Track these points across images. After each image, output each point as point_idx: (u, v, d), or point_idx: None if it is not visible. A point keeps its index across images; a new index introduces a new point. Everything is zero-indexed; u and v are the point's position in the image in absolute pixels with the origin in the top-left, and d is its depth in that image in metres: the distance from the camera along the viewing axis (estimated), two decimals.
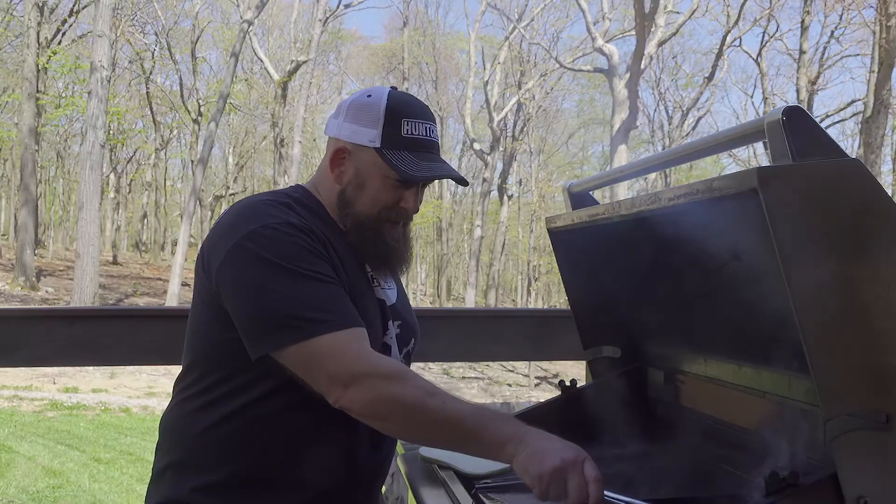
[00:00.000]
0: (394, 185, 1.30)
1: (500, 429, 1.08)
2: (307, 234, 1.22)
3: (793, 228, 0.95)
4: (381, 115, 1.30)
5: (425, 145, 1.31)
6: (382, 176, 1.30)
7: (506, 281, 32.82)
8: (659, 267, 1.51)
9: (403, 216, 1.34)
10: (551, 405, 1.67)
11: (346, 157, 1.32)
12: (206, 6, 24.92)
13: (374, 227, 1.32)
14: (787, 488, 0.97)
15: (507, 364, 16.09)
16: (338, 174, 1.33)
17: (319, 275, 1.19)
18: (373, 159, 1.29)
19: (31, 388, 9.82)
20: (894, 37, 11.81)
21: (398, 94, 1.33)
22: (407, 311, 1.45)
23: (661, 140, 26.16)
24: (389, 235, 1.33)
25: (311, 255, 1.20)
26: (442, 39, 28.44)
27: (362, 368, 1.13)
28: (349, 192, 1.32)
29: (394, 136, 1.29)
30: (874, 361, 0.98)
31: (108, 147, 22.04)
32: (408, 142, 1.29)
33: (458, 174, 1.36)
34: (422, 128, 1.31)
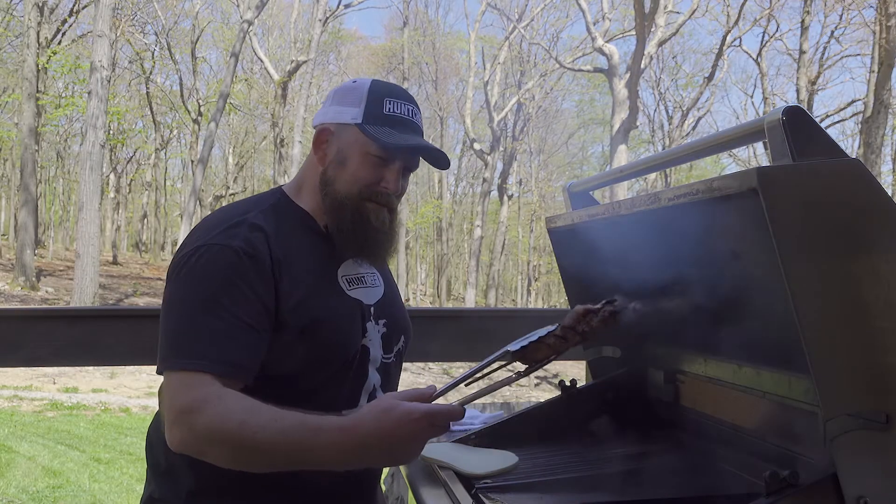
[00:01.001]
0: (374, 162, 1.29)
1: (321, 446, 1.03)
2: (245, 259, 1.18)
3: (793, 228, 0.95)
4: (364, 95, 1.31)
5: (406, 123, 1.31)
6: (363, 152, 1.29)
7: (506, 281, 32.81)
8: (659, 267, 1.51)
9: (385, 197, 1.30)
10: (551, 405, 1.67)
11: (329, 137, 1.32)
12: (206, 6, 24.94)
13: (355, 206, 1.29)
14: (787, 488, 0.97)
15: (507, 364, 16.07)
16: (321, 156, 1.33)
17: (224, 311, 1.15)
18: (354, 136, 1.29)
19: (31, 388, 9.81)
20: (894, 37, 11.81)
21: (383, 80, 1.35)
22: (396, 308, 1.42)
23: (661, 140, 26.16)
24: (373, 216, 1.30)
25: (229, 286, 1.16)
26: (442, 39, 28.45)
27: (182, 406, 1.08)
28: (330, 172, 1.31)
29: (375, 113, 1.29)
30: (874, 361, 0.98)
31: (108, 147, 22.04)
32: (389, 118, 1.29)
33: (438, 150, 1.34)
34: (404, 108, 1.32)
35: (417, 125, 1.34)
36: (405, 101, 1.33)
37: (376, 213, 1.30)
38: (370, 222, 1.30)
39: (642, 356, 1.72)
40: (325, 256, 1.31)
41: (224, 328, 1.15)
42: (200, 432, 1.07)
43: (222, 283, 1.17)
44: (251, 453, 1.06)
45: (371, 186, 1.29)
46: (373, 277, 1.39)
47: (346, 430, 1.03)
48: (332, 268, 1.31)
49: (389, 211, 1.33)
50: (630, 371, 1.71)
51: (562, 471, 1.41)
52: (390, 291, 1.43)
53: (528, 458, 1.46)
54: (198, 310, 1.16)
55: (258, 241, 1.22)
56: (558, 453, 1.52)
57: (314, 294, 1.25)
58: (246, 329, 1.16)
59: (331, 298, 1.28)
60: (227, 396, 1.09)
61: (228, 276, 1.17)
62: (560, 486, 1.34)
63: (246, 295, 1.17)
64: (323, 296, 1.26)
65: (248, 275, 1.18)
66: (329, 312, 1.25)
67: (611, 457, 1.49)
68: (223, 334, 1.14)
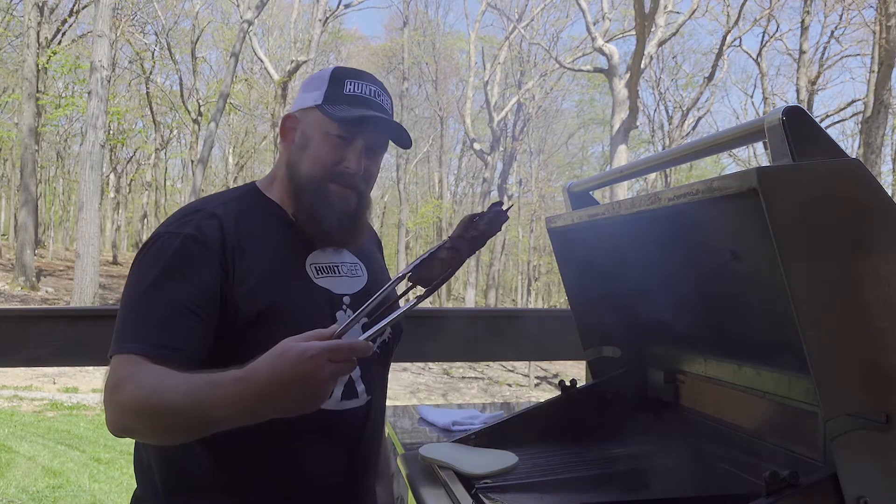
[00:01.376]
0: (335, 141, 1.27)
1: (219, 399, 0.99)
2: (193, 244, 1.19)
3: (793, 228, 0.95)
4: (326, 79, 1.31)
5: (368, 102, 1.29)
6: (323, 132, 1.28)
7: (506, 281, 32.81)
8: (659, 267, 1.51)
9: (349, 178, 1.28)
10: (551, 405, 1.67)
11: (294, 124, 1.33)
12: (206, 6, 24.93)
13: (317, 188, 1.28)
14: (787, 488, 0.97)
15: (507, 364, 16.08)
16: (287, 143, 1.33)
17: (164, 295, 1.16)
18: (315, 118, 1.29)
19: (31, 388, 9.82)
20: (894, 37, 11.81)
21: (348, 67, 1.34)
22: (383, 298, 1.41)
23: (661, 140, 26.16)
24: (335, 199, 1.28)
25: (172, 272, 1.18)
26: (442, 39, 28.45)
27: (108, 387, 1.09)
28: (294, 156, 1.31)
29: (336, 94, 1.28)
30: (874, 361, 0.98)
31: (108, 147, 22.04)
32: (349, 98, 1.28)
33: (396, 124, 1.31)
34: (366, 88, 1.30)
35: (380, 104, 1.31)
36: (368, 82, 1.31)
37: (340, 196, 1.28)
38: (333, 205, 1.28)
39: (642, 356, 1.72)
40: (292, 245, 1.29)
41: (161, 312, 1.15)
42: (122, 408, 1.07)
43: (165, 269, 1.18)
44: (164, 418, 1.04)
45: (332, 167, 1.27)
46: (354, 268, 1.37)
47: (241, 381, 0.97)
48: (298, 256, 1.29)
49: (357, 194, 1.30)
50: (630, 371, 1.71)
51: (562, 471, 1.41)
52: (375, 283, 1.38)
53: (528, 458, 1.46)
54: (140, 296, 1.17)
55: (210, 227, 1.22)
56: (558, 453, 1.52)
57: (272, 279, 1.23)
58: (185, 313, 1.15)
59: (292, 285, 1.26)
60: (145, 370, 1.08)
61: (172, 263, 1.18)
62: (560, 486, 1.34)
63: (189, 279, 1.18)
64: (282, 282, 1.24)
65: (193, 260, 1.19)
66: (287, 298, 1.23)
67: (611, 457, 1.49)
68: (159, 318, 1.15)
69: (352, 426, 1.30)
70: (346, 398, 1.29)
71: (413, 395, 12.65)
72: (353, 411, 1.30)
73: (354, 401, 1.30)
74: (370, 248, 1.48)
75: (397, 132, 1.32)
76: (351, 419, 1.30)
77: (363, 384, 1.32)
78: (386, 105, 1.33)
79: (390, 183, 29.51)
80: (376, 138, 1.31)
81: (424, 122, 28.96)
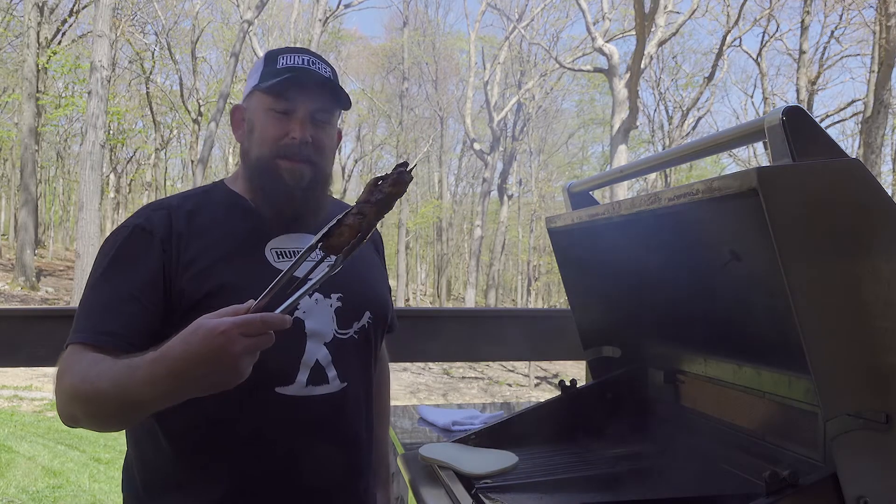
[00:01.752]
0: (277, 117, 1.27)
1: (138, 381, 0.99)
2: (137, 233, 1.23)
3: (792, 228, 0.95)
4: (261, 62, 1.33)
5: (300, 70, 1.28)
6: (264, 110, 1.28)
7: (506, 281, 32.81)
8: (659, 267, 1.51)
9: (296, 149, 1.26)
10: (551, 405, 1.67)
11: (241, 114, 1.35)
12: (206, 6, 24.92)
13: (268, 166, 1.27)
14: (787, 488, 0.97)
15: (507, 364, 16.09)
16: (239, 134, 1.35)
17: (108, 285, 1.20)
18: (256, 99, 1.30)
19: (31, 388, 9.82)
20: (894, 37, 11.81)
21: (282, 47, 1.35)
22: (361, 283, 1.37)
23: (661, 140, 26.15)
24: (286, 174, 1.27)
25: (116, 261, 1.22)
26: (442, 39, 28.45)
27: (55, 376, 1.13)
28: (246, 144, 1.32)
29: (270, 71, 1.29)
30: (874, 361, 0.98)
31: (108, 147, 22.04)
32: (282, 70, 1.28)
33: (329, 80, 1.29)
34: (299, 59, 1.30)
35: (314, 71, 1.30)
36: (301, 53, 1.32)
37: (291, 171, 1.27)
38: (284, 180, 1.27)
39: (642, 356, 1.72)
40: (251, 231, 1.29)
41: (104, 301, 1.19)
42: (62, 395, 1.10)
43: (111, 260, 1.23)
44: (94, 404, 1.06)
45: (278, 141, 1.27)
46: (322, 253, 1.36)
47: (156, 361, 0.97)
48: (257, 242, 1.28)
49: (310, 167, 1.28)
50: (630, 371, 1.71)
51: (562, 471, 1.41)
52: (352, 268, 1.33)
53: (528, 458, 1.46)
54: (90, 288, 1.22)
55: (158, 217, 1.26)
56: (558, 453, 1.52)
57: (225, 262, 1.23)
58: (127, 300, 1.18)
59: (245, 267, 1.24)
60: (83, 359, 1.11)
61: (119, 253, 1.23)
62: (560, 486, 1.34)
63: (135, 267, 1.21)
64: (235, 264, 1.24)
65: (136, 249, 1.22)
66: (238, 279, 1.22)
67: (611, 457, 1.49)
68: (102, 306, 1.19)
69: (322, 413, 1.26)
70: (313, 383, 1.25)
71: (413, 395, 12.65)
72: (322, 398, 1.26)
73: (324, 387, 1.26)
74: None
75: (333, 88, 1.30)
76: (320, 406, 1.26)
77: (335, 370, 1.28)
78: (324, 71, 1.31)
79: None
80: (315, 103, 1.29)
81: (424, 122, 28.96)
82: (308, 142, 1.27)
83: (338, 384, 1.28)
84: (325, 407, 1.26)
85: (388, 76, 28.88)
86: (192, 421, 1.21)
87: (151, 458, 1.26)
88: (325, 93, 1.30)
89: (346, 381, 1.29)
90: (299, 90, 1.27)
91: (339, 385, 1.28)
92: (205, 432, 1.22)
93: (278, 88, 1.26)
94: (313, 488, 1.26)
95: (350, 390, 1.30)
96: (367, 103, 28.74)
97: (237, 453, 1.22)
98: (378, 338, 1.41)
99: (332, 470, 1.29)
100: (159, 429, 1.23)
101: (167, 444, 1.23)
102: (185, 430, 1.22)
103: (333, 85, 1.30)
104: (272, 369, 1.21)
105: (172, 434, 1.23)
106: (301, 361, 1.24)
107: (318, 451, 1.26)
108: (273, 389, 1.21)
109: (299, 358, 1.24)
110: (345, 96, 1.32)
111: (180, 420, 1.21)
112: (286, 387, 1.22)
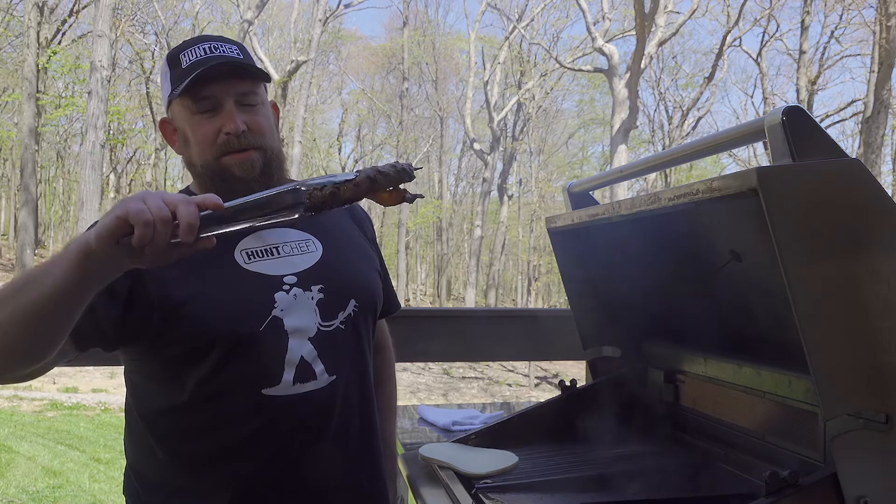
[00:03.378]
0: (203, 118, 1.22)
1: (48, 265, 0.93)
2: None
3: (793, 228, 0.96)
4: (166, 65, 1.28)
5: (206, 60, 1.22)
6: (189, 117, 1.23)
7: (506, 281, 32.81)
8: (659, 267, 1.51)
9: (235, 141, 1.21)
10: (551, 405, 1.67)
11: (169, 126, 1.30)
12: (206, 6, 24.93)
13: (215, 168, 1.23)
14: (787, 488, 0.97)
15: (507, 364, 16.09)
16: (176, 147, 1.30)
17: None
18: (177, 109, 1.25)
19: (31, 388, 9.82)
20: (894, 37, 11.81)
21: (182, 42, 1.29)
22: (343, 271, 1.32)
23: (661, 140, 26.15)
24: (236, 168, 1.22)
25: None
26: (442, 39, 28.43)
27: None
28: (185, 155, 1.27)
29: (178, 74, 1.24)
30: (874, 361, 0.98)
31: (108, 147, 22.04)
32: (189, 69, 1.22)
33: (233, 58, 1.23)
34: (199, 50, 1.24)
35: (223, 55, 1.24)
36: (201, 43, 1.25)
37: (239, 163, 1.22)
38: (235, 176, 1.22)
39: (642, 356, 1.72)
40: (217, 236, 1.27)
41: None
42: None
43: None
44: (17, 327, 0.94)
45: (215, 141, 1.22)
46: (303, 244, 1.30)
47: (65, 247, 0.92)
48: (225, 245, 1.24)
49: (258, 152, 1.23)
50: (630, 371, 1.71)
51: (562, 471, 1.41)
52: (333, 255, 1.31)
53: (528, 458, 1.46)
54: None
55: None
56: (558, 453, 1.52)
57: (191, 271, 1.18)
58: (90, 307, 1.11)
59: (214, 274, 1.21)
60: None
61: None
62: (560, 486, 1.34)
63: None
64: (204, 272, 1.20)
65: None
66: (207, 287, 1.20)
67: (611, 457, 1.49)
68: None
69: (312, 410, 1.23)
70: (300, 381, 1.22)
71: (413, 395, 12.65)
72: (311, 394, 1.23)
73: (312, 383, 1.23)
74: (335, 220, 1.39)
75: (245, 69, 1.24)
76: (309, 403, 1.23)
77: (321, 363, 1.24)
78: (229, 52, 1.25)
79: None
80: (235, 88, 1.23)
81: (424, 122, 28.96)
82: (244, 129, 1.22)
83: (326, 378, 1.25)
84: (315, 403, 1.24)
85: (388, 76, 28.88)
86: (183, 429, 1.21)
87: (147, 465, 1.26)
88: (240, 74, 1.24)
89: (334, 374, 1.26)
90: (213, 83, 1.21)
91: (328, 379, 1.25)
92: (197, 440, 1.21)
93: (193, 90, 1.21)
94: (315, 488, 1.25)
95: (342, 383, 1.27)
96: (367, 103, 28.75)
97: (234, 460, 1.21)
98: (369, 324, 1.36)
99: (332, 466, 1.26)
100: (152, 438, 1.23)
101: (161, 453, 1.23)
102: (178, 438, 1.22)
103: (245, 64, 1.25)
104: (256, 372, 1.20)
105: (165, 443, 1.22)
106: (285, 360, 1.21)
107: (315, 448, 1.24)
108: (260, 392, 1.19)
109: (283, 357, 1.21)
110: (259, 71, 1.26)
111: (171, 428, 1.21)
112: (272, 388, 1.20)
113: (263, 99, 1.29)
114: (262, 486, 1.21)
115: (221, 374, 1.18)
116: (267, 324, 1.20)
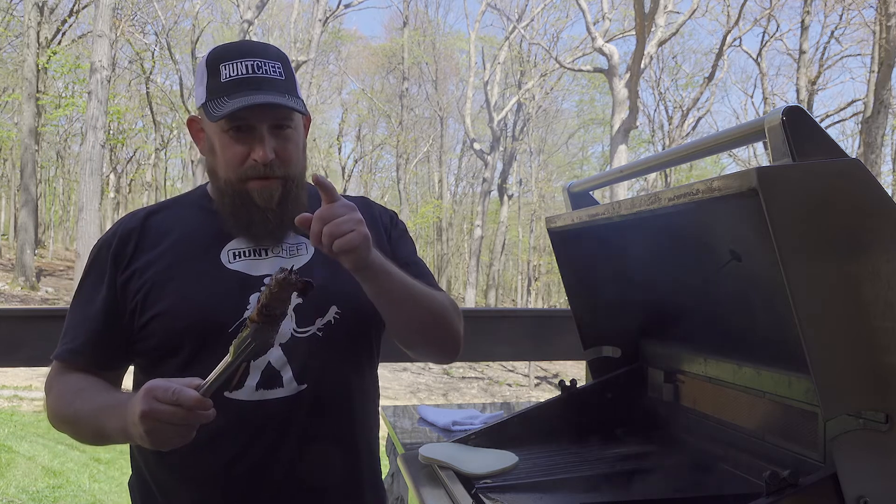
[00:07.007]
0: (234, 138, 1.19)
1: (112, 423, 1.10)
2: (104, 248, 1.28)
3: (793, 228, 0.95)
4: (204, 68, 1.22)
5: (247, 82, 1.18)
6: (220, 133, 1.20)
7: (506, 281, 32.81)
8: (659, 267, 1.51)
9: (262, 170, 1.19)
10: (551, 405, 1.67)
11: (198, 125, 1.29)
12: (206, 6, 24.91)
13: (237, 190, 1.21)
14: (787, 488, 0.97)
15: (507, 364, 16.08)
16: (200, 146, 1.28)
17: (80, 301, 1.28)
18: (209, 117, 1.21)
19: (31, 388, 9.81)
20: (894, 37, 11.81)
21: (223, 45, 1.24)
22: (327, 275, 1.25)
23: (661, 140, 26.15)
24: (257, 196, 1.20)
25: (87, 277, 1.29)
26: (442, 39, 28.45)
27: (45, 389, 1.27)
28: (209, 161, 1.25)
29: (216, 86, 1.20)
30: (874, 361, 0.98)
31: (108, 147, 22.04)
32: (227, 86, 1.18)
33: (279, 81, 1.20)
34: (241, 67, 1.19)
35: (263, 77, 1.20)
36: (241, 57, 1.20)
37: (260, 192, 1.21)
38: (255, 203, 1.21)
39: (642, 356, 1.72)
40: (211, 233, 1.26)
41: (76, 318, 1.28)
42: (48, 410, 1.24)
43: (84, 275, 1.30)
44: (74, 432, 1.22)
45: (242, 164, 1.20)
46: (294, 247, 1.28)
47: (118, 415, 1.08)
48: (215, 243, 1.25)
49: (279, 182, 1.21)
50: (630, 371, 1.71)
51: (562, 471, 1.41)
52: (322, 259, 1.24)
53: (528, 458, 1.46)
54: (71, 305, 1.31)
55: (123, 225, 1.29)
56: (558, 453, 1.52)
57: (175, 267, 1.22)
58: (91, 318, 1.25)
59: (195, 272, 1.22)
60: (63, 380, 1.24)
61: (88, 268, 1.30)
62: (560, 486, 1.34)
63: (102, 280, 1.26)
64: (185, 269, 1.22)
65: (102, 265, 1.27)
66: (186, 286, 1.20)
67: (611, 457, 1.48)
68: (74, 324, 1.27)
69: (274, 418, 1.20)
70: (264, 387, 1.20)
71: (413, 395, 12.65)
72: (274, 402, 1.20)
73: (277, 390, 1.20)
74: None
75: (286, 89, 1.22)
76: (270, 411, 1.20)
77: (290, 371, 1.21)
78: (271, 72, 1.22)
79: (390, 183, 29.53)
80: (270, 117, 1.20)
81: (424, 122, 28.97)
82: (272, 158, 1.20)
83: (294, 387, 1.21)
84: (278, 412, 1.20)
85: (388, 76, 28.89)
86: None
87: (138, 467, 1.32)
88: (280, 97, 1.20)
89: (304, 383, 1.22)
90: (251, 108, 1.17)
91: (296, 388, 1.21)
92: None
93: (240, 122, 1.19)
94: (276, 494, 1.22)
95: (312, 392, 1.23)
96: (367, 103, 28.75)
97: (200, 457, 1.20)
98: (354, 332, 1.29)
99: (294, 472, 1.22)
100: None
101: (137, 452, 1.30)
102: None
103: (287, 84, 1.22)
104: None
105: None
106: (251, 364, 1.19)
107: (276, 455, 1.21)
108: (222, 394, 1.15)
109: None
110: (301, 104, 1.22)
111: None
112: (235, 391, 1.18)
113: (297, 124, 1.26)
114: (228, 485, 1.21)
115: (190, 371, 1.14)
116: (237, 325, 1.18)
